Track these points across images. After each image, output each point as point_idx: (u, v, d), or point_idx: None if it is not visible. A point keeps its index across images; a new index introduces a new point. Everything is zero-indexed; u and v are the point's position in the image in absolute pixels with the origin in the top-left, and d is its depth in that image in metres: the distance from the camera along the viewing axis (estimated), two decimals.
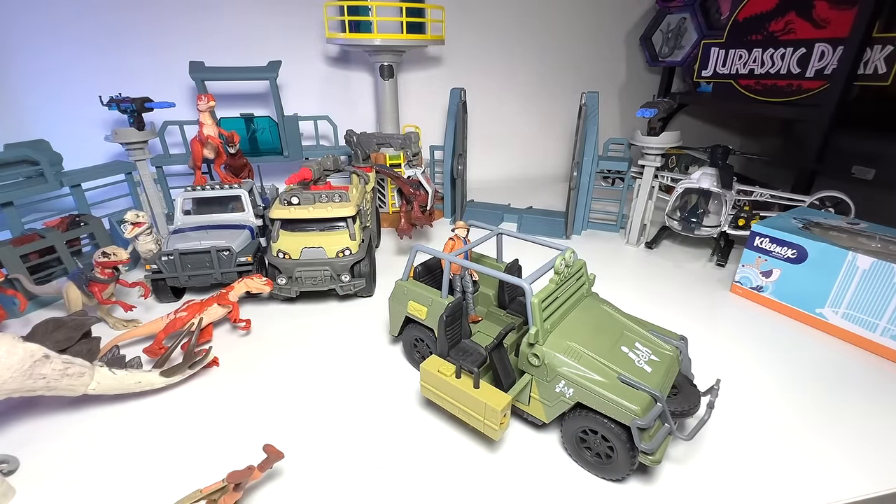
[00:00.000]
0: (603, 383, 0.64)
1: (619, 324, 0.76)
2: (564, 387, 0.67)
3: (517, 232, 0.91)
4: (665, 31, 2.15)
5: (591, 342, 0.70)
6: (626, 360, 0.68)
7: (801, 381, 0.88)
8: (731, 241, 1.41)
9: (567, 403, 0.67)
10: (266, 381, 0.87)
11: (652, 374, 0.66)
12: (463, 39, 2.02)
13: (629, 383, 0.63)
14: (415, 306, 0.84)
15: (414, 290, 0.85)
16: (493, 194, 1.93)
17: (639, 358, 0.69)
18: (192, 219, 1.22)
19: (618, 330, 0.74)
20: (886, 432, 0.76)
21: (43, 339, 0.72)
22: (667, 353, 0.72)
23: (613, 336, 0.73)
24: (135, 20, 1.67)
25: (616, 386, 0.63)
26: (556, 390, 0.68)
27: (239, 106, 1.77)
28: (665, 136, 1.35)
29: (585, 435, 0.67)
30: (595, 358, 0.67)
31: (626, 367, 0.66)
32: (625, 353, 0.69)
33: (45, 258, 1.10)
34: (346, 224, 1.11)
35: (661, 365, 0.69)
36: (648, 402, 0.62)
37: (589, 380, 0.65)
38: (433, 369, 0.72)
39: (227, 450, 0.71)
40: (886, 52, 1.41)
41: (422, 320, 0.84)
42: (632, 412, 0.60)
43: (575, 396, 0.66)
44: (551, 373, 0.67)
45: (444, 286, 0.80)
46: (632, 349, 0.71)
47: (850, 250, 0.96)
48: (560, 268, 0.74)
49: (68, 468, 0.68)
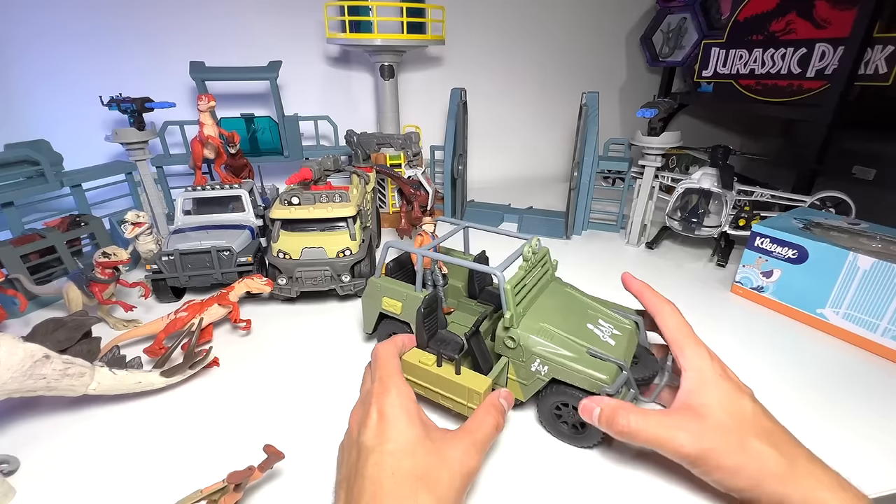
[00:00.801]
0: (574, 358, 0.69)
1: (583, 304, 0.83)
2: (540, 365, 0.71)
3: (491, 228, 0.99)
4: (665, 31, 2.15)
5: (561, 322, 0.75)
6: (593, 336, 0.74)
7: (801, 382, 0.87)
8: (731, 242, 1.41)
9: (542, 381, 0.72)
10: (266, 381, 0.87)
11: (616, 347, 0.73)
12: (463, 39, 2.02)
13: (597, 356, 0.69)
14: (389, 302, 0.86)
15: (387, 286, 0.86)
16: (493, 194, 1.93)
17: (603, 333, 0.75)
18: (192, 219, 1.22)
19: (582, 309, 0.81)
20: (887, 432, 0.76)
21: (43, 340, 0.72)
22: (626, 327, 0.79)
23: (579, 315, 0.79)
24: (135, 20, 1.67)
25: (586, 359, 0.69)
26: (532, 369, 0.72)
27: (239, 106, 1.77)
28: (665, 136, 1.35)
29: (559, 410, 0.72)
30: (565, 336, 0.72)
31: (592, 342, 0.72)
32: (590, 330, 0.75)
33: (46, 258, 1.10)
34: (346, 224, 1.11)
35: (622, 338, 0.76)
36: (615, 372, 0.68)
37: (561, 356, 0.70)
38: (414, 360, 0.74)
39: (228, 450, 0.70)
40: (887, 52, 1.41)
41: (397, 315, 0.85)
42: (601, 381, 0.66)
43: (550, 373, 0.71)
44: (527, 353, 0.72)
45: (418, 280, 0.82)
46: (596, 326, 0.77)
47: (850, 250, 0.96)
48: (528, 255, 0.79)
49: (68, 468, 0.68)
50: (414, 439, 0.55)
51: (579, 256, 1.41)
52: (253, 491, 0.64)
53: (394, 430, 0.56)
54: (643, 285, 0.78)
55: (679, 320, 0.71)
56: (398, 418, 0.57)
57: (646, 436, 0.60)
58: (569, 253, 1.43)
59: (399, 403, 0.59)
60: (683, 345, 0.67)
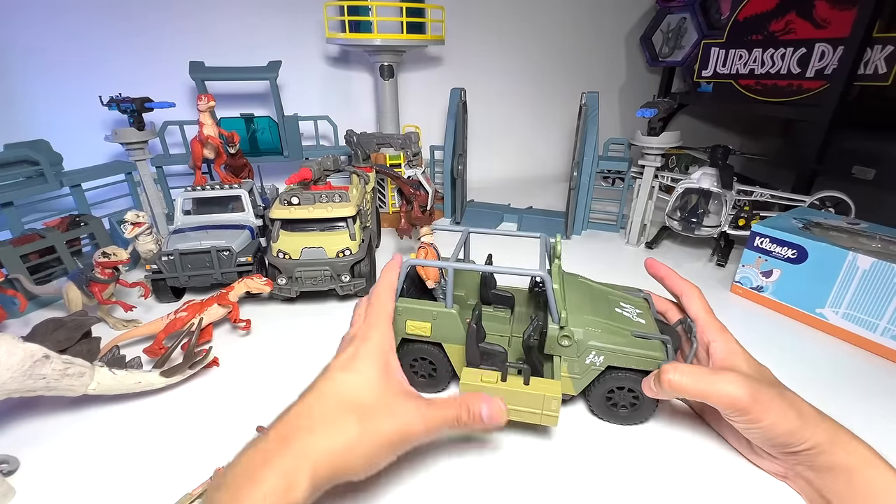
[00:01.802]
0: (625, 343, 0.73)
1: (602, 291, 0.85)
2: (595, 356, 0.73)
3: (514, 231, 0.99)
4: (665, 31, 2.15)
5: (597, 313, 0.77)
6: (626, 319, 0.77)
7: (801, 381, 0.86)
8: (731, 242, 1.41)
9: (598, 370, 0.74)
10: (266, 381, 0.87)
11: (647, 324, 0.77)
12: (463, 39, 2.02)
13: (641, 336, 0.73)
14: (415, 325, 0.78)
15: (411, 307, 0.77)
16: (493, 194, 1.93)
17: (631, 314, 0.79)
18: (192, 219, 1.22)
19: (604, 296, 0.83)
20: (887, 432, 0.75)
21: (43, 340, 0.72)
22: (643, 304, 0.84)
23: (605, 302, 0.81)
24: (135, 20, 1.67)
25: (634, 342, 0.73)
26: (587, 362, 0.74)
27: (239, 106, 1.77)
28: (665, 136, 1.35)
29: (611, 394, 0.75)
30: (609, 324, 0.75)
31: (628, 325, 0.75)
32: (620, 314, 0.78)
33: (45, 258, 1.10)
34: (346, 224, 1.11)
35: (645, 315, 0.80)
36: (661, 347, 0.72)
37: (614, 344, 0.73)
38: (475, 381, 0.70)
39: (228, 450, 0.70)
40: (887, 52, 1.41)
41: (427, 337, 0.79)
42: (658, 359, 0.71)
43: (605, 362, 0.73)
44: (582, 348, 0.74)
45: (449, 295, 0.75)
46: (623, 309, 0.80)
47: (850, 250, 0.96)
48: (559, 252, 0.82)
49: (68, 468, 0.68)
50: (372, 380, 0.59)
51: (579, 256, 1.41)
52: None
53: (360, 363, 0.61)
54: (667, 269, 0.85)
55: (704, 301, 0.78)
56: (368, 358, 0.61)
57: (695, 388, 0.63)
58: (569, 253, 1.43)
59: (376, 348, 0.63)
60: (709, 322, 0.74)
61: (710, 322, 0.74)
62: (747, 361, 0.69)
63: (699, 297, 0.79)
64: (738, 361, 0.68)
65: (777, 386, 0.65)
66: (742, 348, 0.71)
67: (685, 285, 0.81)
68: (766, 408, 0.60)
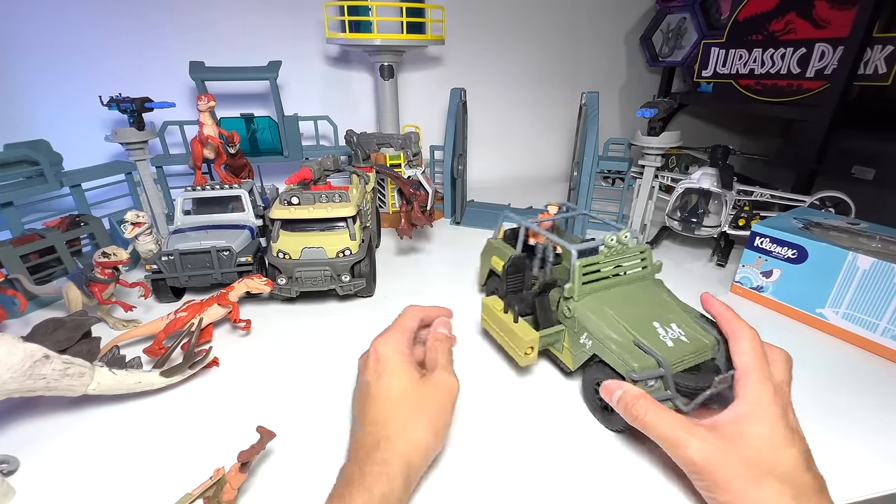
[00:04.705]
0: (617, 341, 0.73)
1: (664, 305, 0.82)
2: (586, 339, 0.77)
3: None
4: (665, 31, 2.15)
5: (626, 311, 0.77)
6: (652, 333, 0.74)
7: (801, 382, 0.87)
8: (731, 242, 1.41)
9: (587, 354, 0.77)
10: (266, 381, 0.87)
11: (672, 350, 0.72)
12: (463, 39, 2.02)
13: (642, 348, 0.71)
14: (495, 260, 1.03)
15: (497, 247, 1.04)
16: (493, 194, 1.93)
17: (666, 335, 0.75)
18: (192, 219, 1.22)
19: (657, 309, 0.80)
20: (886, 432, 0.76)
21: (43, 340, 0.71)
22: (701, 339, 0.75)
23: (652, 314, 0.79)
24: (135, 20, 1.67)
25: (628, 346, 0.72)
26: (581, 341, 0.78)
27: (239, 106, 1.77)
28: (665, 136, 1.35)
29: (597, 386, 0.75)
30: (619, 322, 0.75)
31: (647, 337, 0.73)
32: (654, 328, 0.75)
33: (45, 258, 1.10)
34: (346, 224, 1.11)
35: (687, 346, 0.73)
36: (651, 365, 0.69)
37: (606, 335, 0.74)
38: (490, 304, 0.90)
39: (228, 449, 0.70)
40: (886, 52, 1.41)
41: (497, 272, 1.01)
42: (630, 366, 0.69)
43: (592, 348, 0.76)
44: (578, 325, 0.78)
45: (519, 244, 0.98)
46: (665, 327, 0.76)
47: (850, 250, 0.96)
48: (610, 243, 0.83)
49: (68, 468, 0.68)
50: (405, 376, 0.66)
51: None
52: (254, 492, 0.64)
53: (388, 366, 0.67)
54: (723, 306, 0.74)
55: (754, 347, 0.66)
56: (389, 358, 0.68)
57: (657, 431, 0.61)
58: None
59: (392, 347, 0.70)
60: (750, 372, 0.63)
61: (752, 371, 0.62)
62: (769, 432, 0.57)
63: (750, 338, 0.66)
64: (752, 429, 0.57)
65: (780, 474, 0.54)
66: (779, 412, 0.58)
67: (736, 326, 0.69)
68: (723, 487, 0.54)
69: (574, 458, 0.70)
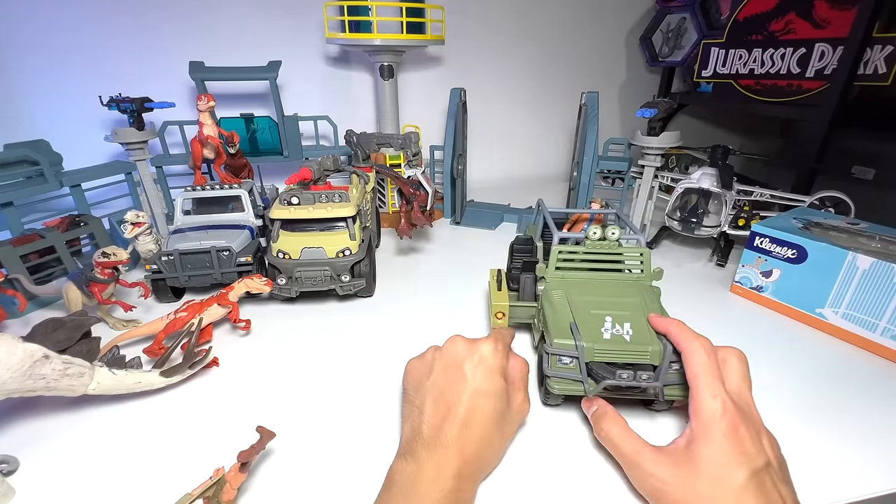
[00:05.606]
0: (553, 318, 0.78)
1: (633, 309, 0.79)
2: (537, 311, 0.87)
3: None
4: (665, 31, 2.15)
5: (584, 299, 0.81)
6: (596, 322, 0.76)
7: (800, 381, 0.88)
8: (731, 242, 1.41)
9: (540, 330, 0.84)
10: (266, 381, 0.87)
11: (606, 342, 0.73)
12: (463, 39, 2.02)
13: (572, 330, 0.74)
14: None
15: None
16: (493, 194, 1.93)
17: (610, 329, 0.75)
18: (191, 219, 1.22)
19: (622, 309, 0.79)
20: (887, 432, 0.76)
21: (43, 340, 0.71)
22: (645, 345, 0.72)
23: (611, 308, 0.79)
24: (135, 20, 1.67)
25: (560, 325, 0.76)
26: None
27: (239, 106, 1.77)
28: (665, 136, 1.35)
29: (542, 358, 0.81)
30: (568, 305, 0.80)
31: (588, 325, 0.75)
32: (601, 319, 0.77)
33: (45, 258, 1.10)
34: (346, 224, 1.11)
35: (625, 344, 0.73)
36: (569, 345, 0.73)
37: (545, 312, 0.81)
38: (492, 273, 1.01)
39: (228, 449, 0.70)
40: (886, 52, 1.41)
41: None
42: (549, 339, 0.75)
43: (534, 315, 0.88)
44: (541, 302, 0.86)
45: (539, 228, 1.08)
46: (616, 323, 0.76)
47: (850, 250, 0.96)
48: (591, 236, 0.87)
49: (68, 468, 0.68)
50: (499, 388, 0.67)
51: None
52: (254, 492, 0.64)
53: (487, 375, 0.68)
54: (671, 323, 0.70)
55: (702, 362, 0.62)
56: (493, 369, 0.68)
57: (619, 450, 0.65)
58: None
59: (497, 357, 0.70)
60: (698, 389, 0.61)
61: (702, 387, 0.60)
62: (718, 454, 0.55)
63: (700, 351, 0.63)
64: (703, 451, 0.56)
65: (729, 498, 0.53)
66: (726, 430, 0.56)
67: (686, 344, 0.66)
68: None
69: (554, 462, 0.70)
